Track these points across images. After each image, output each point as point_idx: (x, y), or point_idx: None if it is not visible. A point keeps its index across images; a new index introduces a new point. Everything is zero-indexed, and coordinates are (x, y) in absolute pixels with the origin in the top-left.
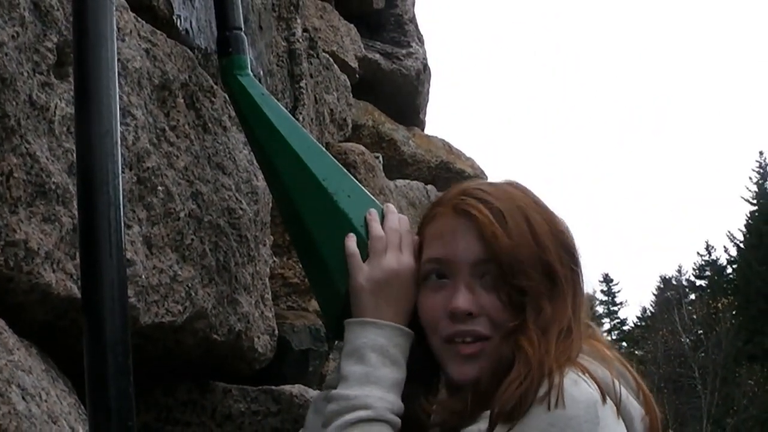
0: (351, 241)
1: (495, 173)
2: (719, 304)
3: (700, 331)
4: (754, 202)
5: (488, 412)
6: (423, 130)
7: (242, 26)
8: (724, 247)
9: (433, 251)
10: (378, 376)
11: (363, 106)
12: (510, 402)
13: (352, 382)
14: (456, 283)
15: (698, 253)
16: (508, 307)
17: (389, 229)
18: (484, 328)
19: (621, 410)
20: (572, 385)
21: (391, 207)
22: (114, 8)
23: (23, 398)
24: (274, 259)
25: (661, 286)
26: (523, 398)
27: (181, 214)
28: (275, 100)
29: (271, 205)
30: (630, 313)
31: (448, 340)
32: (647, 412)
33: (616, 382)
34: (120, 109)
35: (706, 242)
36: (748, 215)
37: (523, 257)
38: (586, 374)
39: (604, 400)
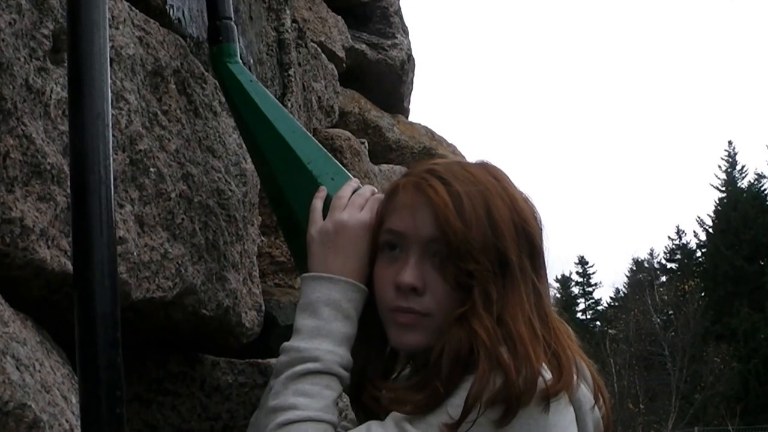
0: (318, 199)
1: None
2: (688, 286)
3: (671, 312)
4: (723, 189)
5: (452, 399)
6: (407, 117)
7: (232, 16)
8: (694, 231)
9: (392, 223)
10: (329, 329)
11: (350, 94)
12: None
13: (304, 335)
14: (407, 258)
15: (669, 237)
16: (455, 290)
17: (356, 194)
18: (425, 307)
19: (571, 396)
20: None
21: (369, 186)
22: None
23: (17, 368)
24: (262, 238)
25: (634, 268)
26: (512, 402)
27: (172, 195)
28: (263, 87)
29: (259, 187)
30: (604, 294)
31: (390, 311)
32: (598, 405)
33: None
34: (113, 93)
35: (677, 227)
36: (717, 202)
37: (474, 241)
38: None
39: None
